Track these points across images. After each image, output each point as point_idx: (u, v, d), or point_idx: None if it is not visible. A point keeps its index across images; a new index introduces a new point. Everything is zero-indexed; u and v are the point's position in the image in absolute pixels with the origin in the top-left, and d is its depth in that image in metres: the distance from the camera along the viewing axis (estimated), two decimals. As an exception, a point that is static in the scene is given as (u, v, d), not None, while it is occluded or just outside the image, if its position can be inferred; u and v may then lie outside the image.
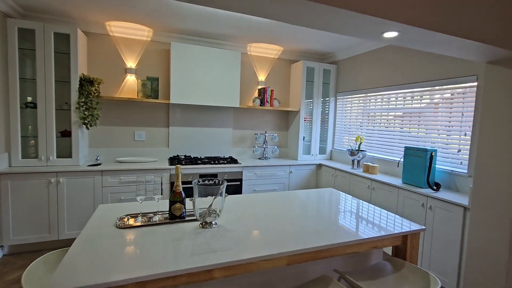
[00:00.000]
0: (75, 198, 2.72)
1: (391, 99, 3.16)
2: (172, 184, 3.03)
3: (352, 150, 3.35)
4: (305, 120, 4.08)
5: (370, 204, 1.95)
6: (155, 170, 2.96)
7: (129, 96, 3.31)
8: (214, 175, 3.22)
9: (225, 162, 3.37)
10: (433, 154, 2.46)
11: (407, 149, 2.64)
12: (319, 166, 3.79)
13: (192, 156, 3.63)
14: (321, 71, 3.91)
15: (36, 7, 2.68)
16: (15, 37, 2.57)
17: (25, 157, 2.77)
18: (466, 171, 2.38)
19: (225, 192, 1.79)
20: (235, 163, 3.36)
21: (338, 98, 4.04)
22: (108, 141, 3.29)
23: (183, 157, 3.54)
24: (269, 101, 3.79)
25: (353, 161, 3.38)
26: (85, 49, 3.07)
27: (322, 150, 4.17)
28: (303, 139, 4.04)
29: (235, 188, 3.33)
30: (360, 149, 3.44)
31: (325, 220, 1.61)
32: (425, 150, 2.47)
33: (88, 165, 2.88)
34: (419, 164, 2.51)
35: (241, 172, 3.36)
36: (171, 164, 3.10)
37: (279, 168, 3.56)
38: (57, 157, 2.85)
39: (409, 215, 2.45)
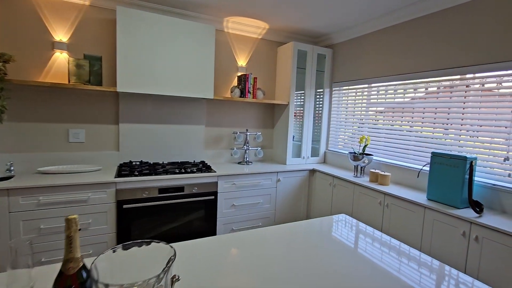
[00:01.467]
0: (-36, 232, 1.81)
1: (407, 90, 2.52)
2: (120, 204, 2.20)
3: (356, 153, 2.69)
4: (295, 115, 3.36)
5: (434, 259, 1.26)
6: (93, 185, 2.11)
7: (57, 80, 2.39)
8: (180, 188, 2.42)
9: (195, 169, 2.57)
10: (473, 163, 1.83)
11: (435, 155, 2.01)
12: (313, 172, 3.11)
13: (151, 162, 2.79)
14: (315, 56, 3.20)
15: None
16: None
17: None
18: (517, 187, 1.78)
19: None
20: (208, 171, 2.57)
21: (334, 89, 3.36)
22: (27, 144, 2.36)
23: (137, 163, 2.69)
24: (251, 91, 3.03)
25: (356, 167, 2.72)
26: (-13, 11, 2.11)
27: (314, 152, 3.49)
28: (293, 138, 3.33)
29: (207, 204, 2.55)
30: (365, 152, 2.79)
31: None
32: (464, 158, 1.84)
33: (-10, 180, 1.96)
34: (453, 176, 1.89)
35: (216, 183, 2.58)
36: (119, 175, 2.26)
37: (264, 176, 2.83)
38: None
39: (442, 247, 1.83)
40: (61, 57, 2.39)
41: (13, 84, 2.16)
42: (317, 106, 3.45)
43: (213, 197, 2.56)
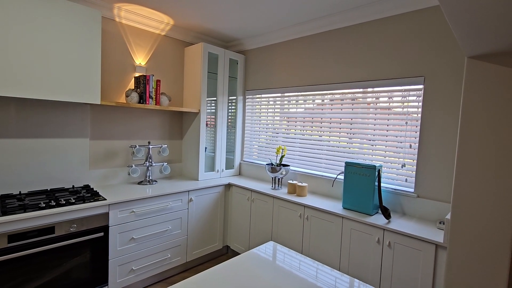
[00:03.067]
0: None
1: (315, 101, 2.57)
2: None
3: (273, 165, 2.57)
4: (207, 125, 3.03)
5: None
6: None
7: None
8: (47, 230, 1.70)
9: (74, 199, 1.89)
10: (380, 171, 1.94)
11: (348, 165, 2.05)
12: (228, 186, 2.83)
13: (2, 194, 1.91)
14: (227, 60, 2.96)
15: None
16: None
17: None
18: (413, 190, 1.98)
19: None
20: (94, 199, 1.93)
21: (247, 97, 3.21)
22: None
23: (-28, 198, 1.78)
24: (153, 96, 2.52)
25: (273, 179, 2.60)
26: None
27: (229, 164, 3.24)
28: (205, 150, 2.98)
29: (94, 244, 1.90)
30: (282, 163, 2.72)
31: None
32: (373, 167, 1.92)
33: None
34: (364, 184, 1.95)
35: (107, 214, 1.96)
36: None
37: (173, 197, 2.37)
38: None
39: (361, 255, 1.84)
40: None
41: None
42: (230, 114, 3.22)
43: (102, 233, 1.93)
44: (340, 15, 2.28)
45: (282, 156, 2.60)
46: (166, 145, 2.71)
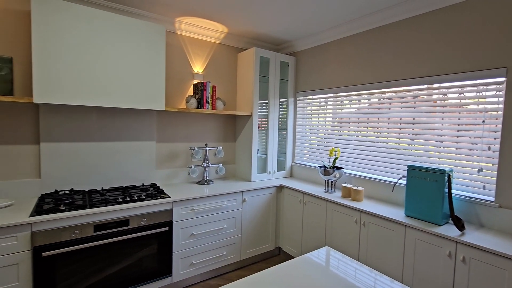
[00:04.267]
0: None
1: (372, 100, 2.42)
2: (37, 252, 1.65)
3: (326, 167, 2.50)
4: (259, 128, 3.10)
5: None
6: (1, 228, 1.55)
7: None
8: (123, 222, 1.95)
9: (144, 195, 2.12)
10: (451, 176, 1.74)
11: (412, 169, 1.89)
12: (280, 188, 2.85)
13: (87, 190, 2.26)
14: (277, 63, 2.99)
15: None
16: None
17: None
18: (493, 199, 1.73)
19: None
20: (161, 197, 2.15)
21: (298, 98, 3.19)
22: None
23: (66, 192, 2.14)
24: (210, 101, 2.69)
25: (326, 181, 2.53)
26: None
27: (280, 166, 3.26)
28: (257, 152, 3.06)
29: (160, 238, 2.11)
30: (336, 165, 2.63)
31: None
32: (442, 171, 1.74)
33: None
34: (431, 191, 1.77)
35: (171, 210, 2.16)
36: (37, 211, 1.71)
37: (228, 197, 2.48)
38: None
39: (428, 269, 1.68)
40: (-51, 57, 1.78)
41: None
42: (281, 116, 3.24)
43: (167, 228, 2.13)
44: (399, 7, 2.11)
45: (336, 158, 2.52)
46: (221, 147, 2.85)
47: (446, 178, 1.72)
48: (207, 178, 2.76)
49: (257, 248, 2.71)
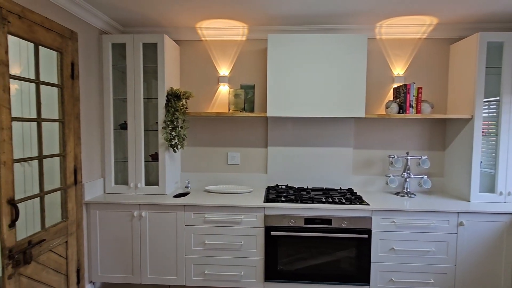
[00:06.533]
0: (158, 237, 2.26)
1: None
2: (268, 230, 2.18)
3: None
4: (483, 133, 2.43)
5: None
6: (246, 208, 2.19)
7: (220, 110, 2.73)
8: (327, 221, 2.16)
9: (344, 199, 2.25)
10: None
11: None
12: (522, 217, 2.08)
13: (296, 187, 2.69)
14: (519, 46, 2.22)
15: (128, 18, 2.45)
16: (109, 54, 2.39)
17: (117, 183, 2.56)
18: None
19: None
20: (359, 203, 2.19)
21: (559, 91, 2.20)
22: (199, 165, 2.80)
23: (283, 187, 2.65)
24: (414, 105, 2.42)
25: None
26: (177, 60, 2.69)
27: (520, 186, 2.38)
28: (480, 164, 2.40)
29: (359, 244, 2.15)
30: None
31: None
32: None
33: (175, 195, 2.41)
34: None
35: (370, 218, 2.15)
36: (267, 199, 2.26)
37: (437, 217, 2.13)
38: (145, 184, 2.50)
39: None
40: (223, 90, 2.73)
41: (190, 116, 2.63)
42: (524, 118, 2.35)
43: (366, 235, 2.13)
44: None
45: None
46: (426, 157, 2.49)
47: None
48: (408, 190, 2.50)
49: (480, 288, 2.13)
